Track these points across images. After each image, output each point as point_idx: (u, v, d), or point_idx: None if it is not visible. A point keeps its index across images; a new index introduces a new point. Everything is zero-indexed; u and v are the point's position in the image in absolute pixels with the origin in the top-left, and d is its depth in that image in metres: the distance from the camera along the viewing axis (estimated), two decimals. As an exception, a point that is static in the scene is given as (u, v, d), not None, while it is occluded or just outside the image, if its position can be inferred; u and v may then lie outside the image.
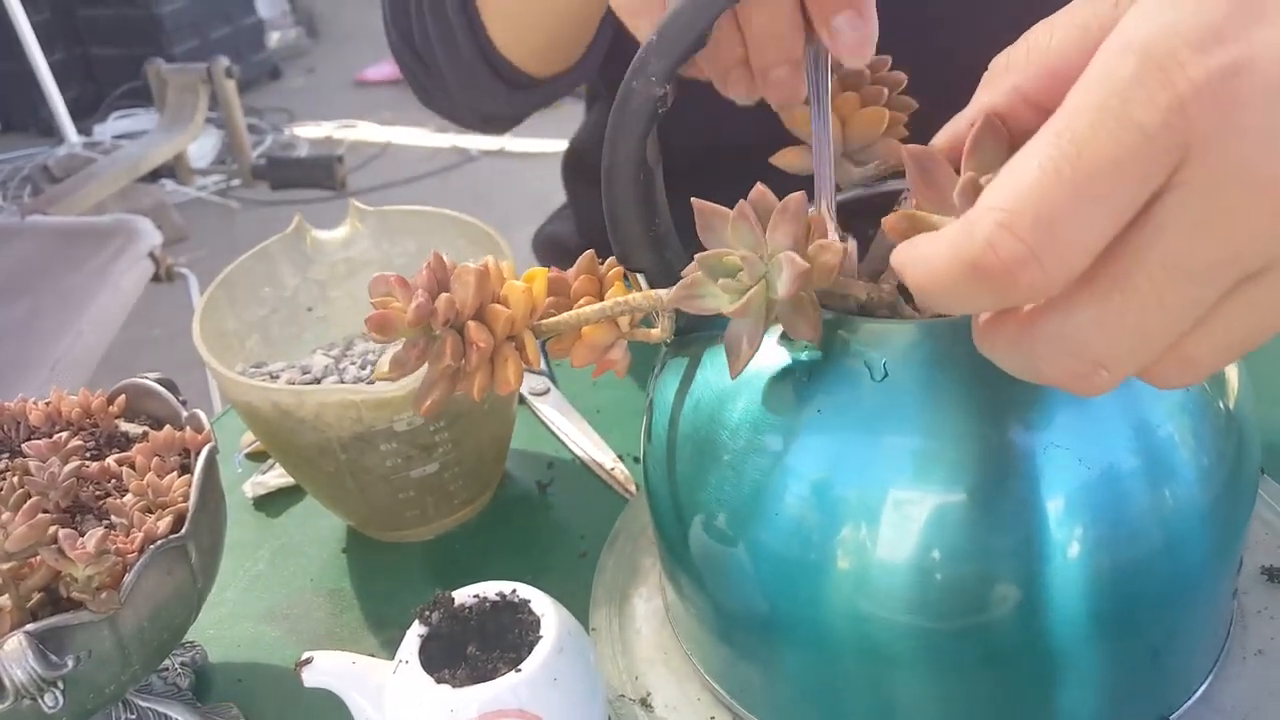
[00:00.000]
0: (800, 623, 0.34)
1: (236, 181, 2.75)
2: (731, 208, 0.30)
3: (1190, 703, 0.37)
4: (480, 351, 0.31)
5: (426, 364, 0.31)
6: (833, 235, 0.33)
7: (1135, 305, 0.20)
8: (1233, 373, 0.35)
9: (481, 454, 0.50)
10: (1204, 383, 0.33)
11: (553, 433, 0.59)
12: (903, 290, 0.33)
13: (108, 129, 3.12)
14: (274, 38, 3.91)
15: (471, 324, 0.31)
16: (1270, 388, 0.53)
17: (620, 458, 0.56)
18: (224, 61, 2.09)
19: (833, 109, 0.38)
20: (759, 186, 0.29)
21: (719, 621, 0.38)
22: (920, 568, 0.32)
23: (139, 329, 1.71)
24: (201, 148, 2.87)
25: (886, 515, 0.32)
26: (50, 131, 2.99)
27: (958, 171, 0.25)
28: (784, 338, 0.33)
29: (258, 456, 0.59)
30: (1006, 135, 0.24)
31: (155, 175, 2.41)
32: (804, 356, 0.33)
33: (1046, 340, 0.22)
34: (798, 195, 0.28)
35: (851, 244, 0.33)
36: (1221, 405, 0.34)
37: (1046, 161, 0.20)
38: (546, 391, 0.63)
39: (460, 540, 0.53)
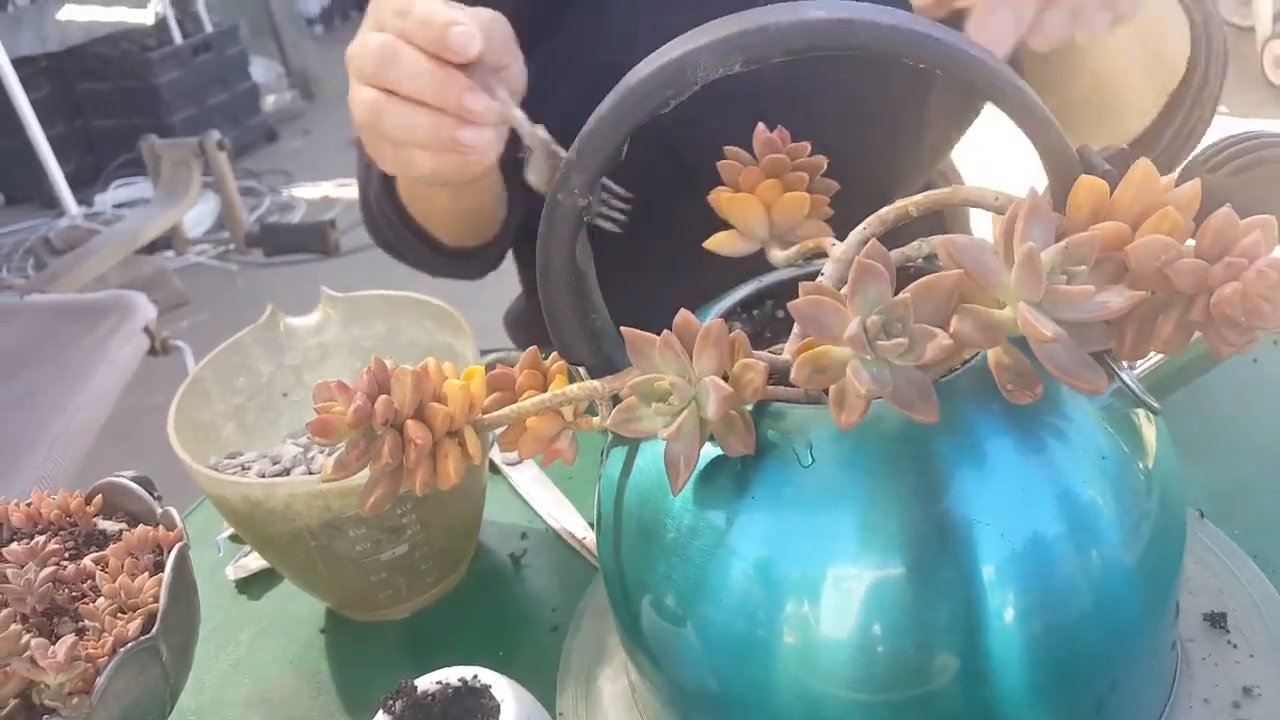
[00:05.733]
0: (751, 701, 0.35)
1: (232, 247, 2.80)
2: (670, 293, 0.32)
3: (1141, 756, 0.38)
4: (418, 449, 0.32)
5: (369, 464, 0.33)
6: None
7: None
8: (1151, 434, 0.36)
9: (451, 532, 0.52)
10: (1122, 447, 0.35)
11: (526, 503, 0.60)
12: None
13: (108, 198, 3.18)
14: (270, 101, 3.99)
15: (410, 423, 0.33)
16: (1212, 435, 0.55)
17: (592, 526, 0.57)
18: (215, 135, 2.14)
19: (757, 196, 0.40)
20: (683, 313, 0.31)
21: (679, 700, 0.39)
22: (857, 643, 0.33)
23: (140, 396, 1.74)
24: (200, 214, 2.92)
25: (824, 594, 0.33)
26: (52, 203, 3.05)
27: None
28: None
29: (239, 539, 0.60)
30: (886, 275, 0.26)
31: (152, 246, 2.46)
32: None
33: None
34: (717, 322, 0.30)
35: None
36: (1140, 467, 0.35)
37: None
38: (520, 461, 0.64)
39: (436, 617, 0.54)
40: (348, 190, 3.31)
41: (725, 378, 0.31)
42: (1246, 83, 2.86)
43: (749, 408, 0.33)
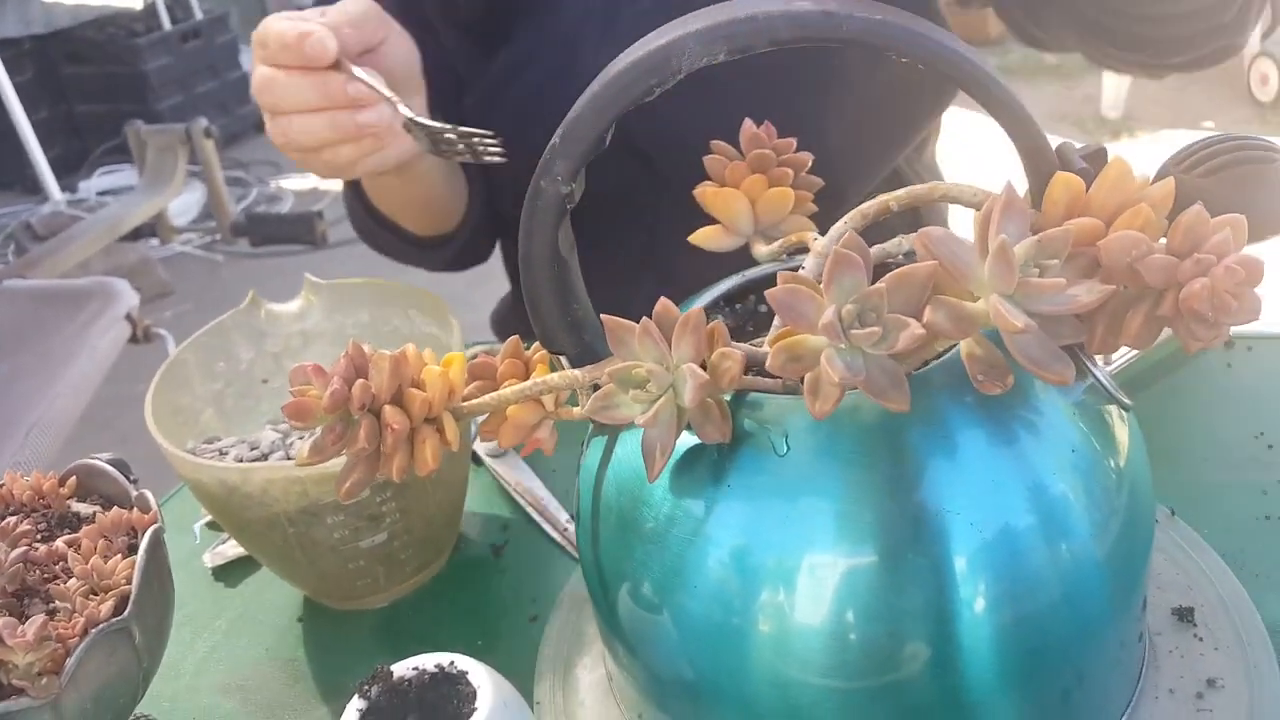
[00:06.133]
0: (726, 689, 0.36)
1: (218, 237, 2.78)
2: (651, 287, 0.32)
3: (1107, 745, 0.38)
4: (395, 434, 0.32)
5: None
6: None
7: None
8: (1122, 431, 0.36)
9: (431, 522, 0.52)
10: (1094, 442, 0.35)
11: (508, 494, 0.60)
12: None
13: (92, 185, 3.15)
14: (259, 91, 3.95)
15: (388, 408, 0.33)
16: (1184, 437, 0.56)
17: (573, 518, 0.57)
18: (202, 122, 2.12)
19: (742, 191, 0.40)
20: (663, 301, 0.32)
21: (654, 688, 0.39)
22: (831, 631, 0.33)
23: (121, 385, 1.73)
24: (186, 203, 2.90)
25: (799, 582, 0.33)
26: (35, 189, 3.02)
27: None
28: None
29: (217, 526, 0.60)
30: (861, 265, 0.26)
31: (137, 234, 2.44)
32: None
33: None
34: (696, 311, 0.31)
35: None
36: (1111, 463, 0.35)
37: None
38: (504, 454, 0.64)
39: (414, 607, 0.54)
40: (336, 183, 3.29)
41: (704, 366, 0.31)
42: (1233, 99, 2.88)
43: (726, 397, 0.33)
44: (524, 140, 0.51)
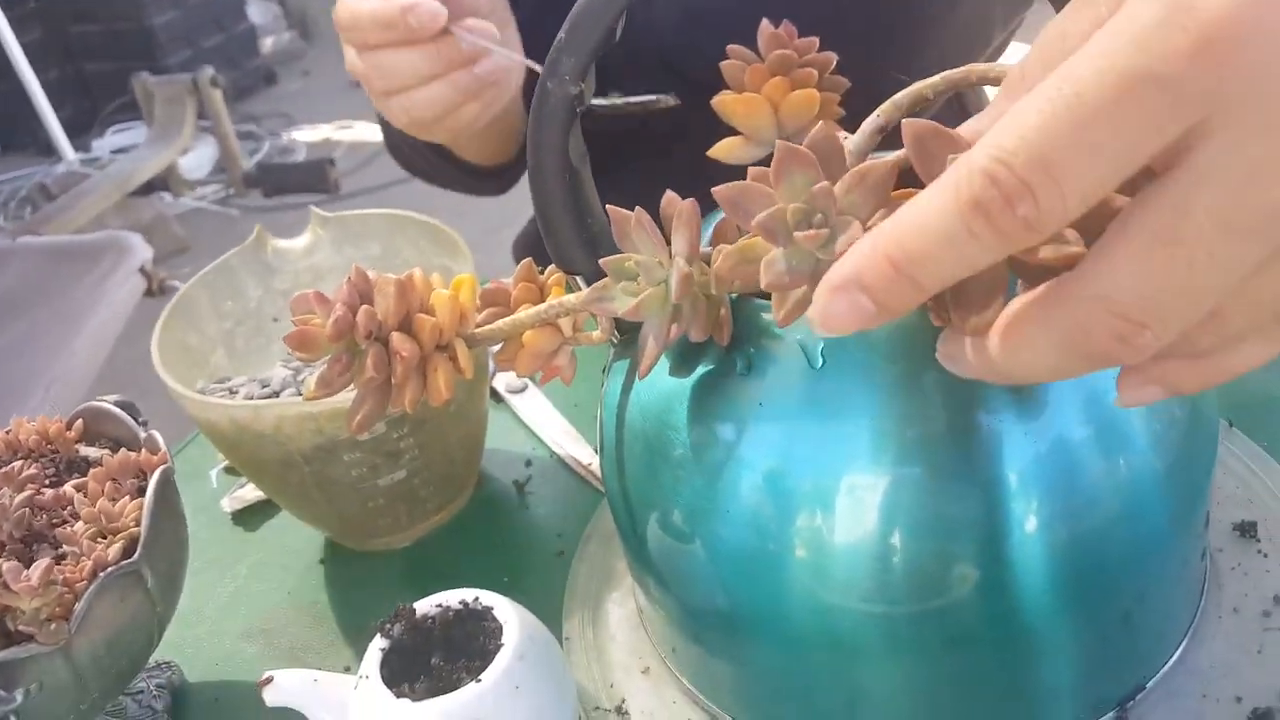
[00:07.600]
0: (762, 617, 0.34)
1: (231, 190, 2.76)
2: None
3: (1167, 667, 0.36)
4: (404, 362, 0.30)
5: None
6: None
7: (1183, 260, 0.19)
8: None
9: (451, 458, 0.50)
10: None
11: (530, 430, 0.59)
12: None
13: (105, 144, 3.13)
14: (268, 43, 3.89)
15: (395, 335, 0.31)
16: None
17: (597, 450, 0.55)
18: (209, 71, 2.09)
19: (763, 95, 0.37)
20: (669, 194, 0.29)
21: (686, 621, 0.38)
22: (874, 553, 0.31)
23: (139, 342, 1.73)
24: (200, 157, 2.88)
25: (838, 504, 0.31)
26: (49, 150, 3.00)
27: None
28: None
29: (234, 471, 0.59)
30: (813, 160, 0.23)
31: (149, 189, 2.42)
32: (742, 351, 0.32)
33: (1085, 304, 0.20)
34: (689, 202, 0.28)
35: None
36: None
37: (1045, 105, 0.19)
38: (524, 389, 0.62)
39: (438, 545, 0.52)
40: (349, 133, 3.25)
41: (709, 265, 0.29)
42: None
43: (732, 297, 0.31)
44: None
